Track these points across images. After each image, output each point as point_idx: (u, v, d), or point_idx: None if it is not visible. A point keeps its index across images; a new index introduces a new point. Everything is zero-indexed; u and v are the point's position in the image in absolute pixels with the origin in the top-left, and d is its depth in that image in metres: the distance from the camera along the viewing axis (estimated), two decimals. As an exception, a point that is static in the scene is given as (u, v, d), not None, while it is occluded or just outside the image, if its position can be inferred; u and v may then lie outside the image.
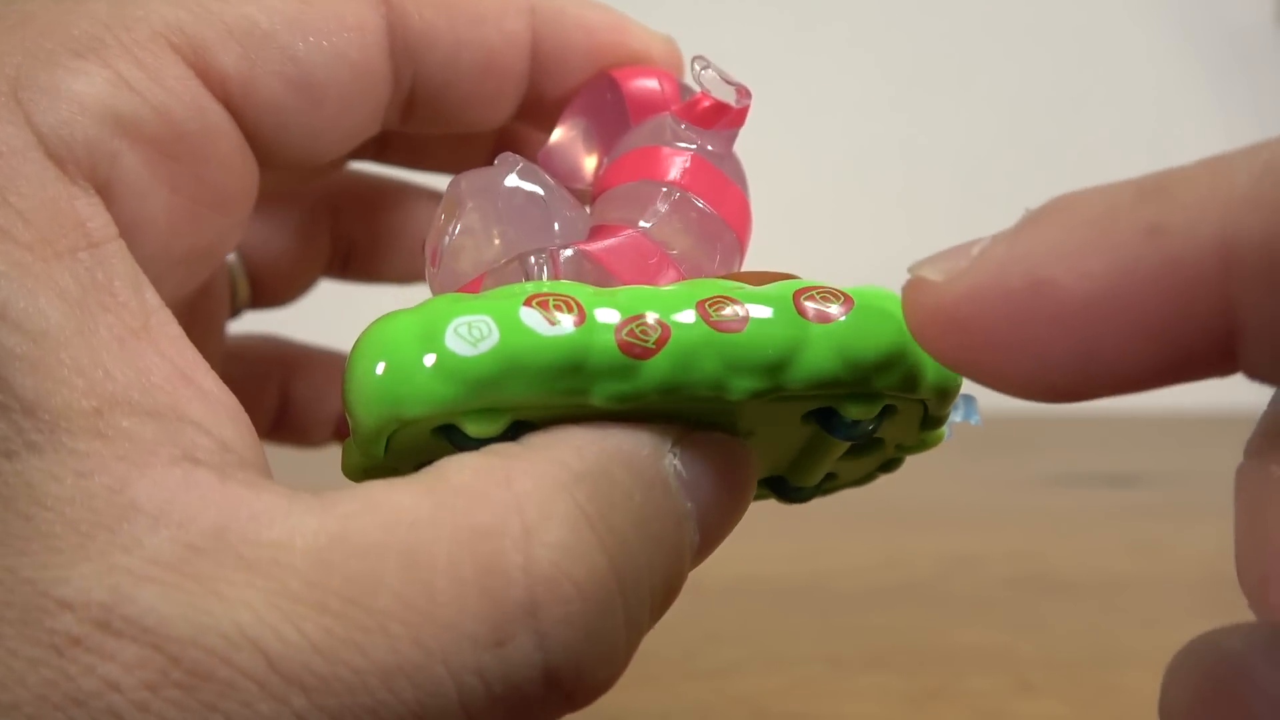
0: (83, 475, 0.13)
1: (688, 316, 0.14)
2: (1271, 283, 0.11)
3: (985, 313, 0.12)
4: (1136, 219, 0.11)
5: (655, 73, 0.19)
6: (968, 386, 0.15)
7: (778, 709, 0.28)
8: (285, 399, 0.26)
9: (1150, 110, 0.77)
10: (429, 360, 0.14)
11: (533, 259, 0.16)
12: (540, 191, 0.16)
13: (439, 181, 0.23)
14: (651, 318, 0.14)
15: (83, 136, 0.14)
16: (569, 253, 0.16)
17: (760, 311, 0.14)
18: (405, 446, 0.15)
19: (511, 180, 0.16)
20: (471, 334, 0.14)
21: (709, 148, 0.17)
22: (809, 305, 0.14)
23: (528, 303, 0.14)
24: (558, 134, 0.19)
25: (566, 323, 0.14)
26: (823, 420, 0.16)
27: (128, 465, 0.13)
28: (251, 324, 0.25)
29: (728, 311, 0.14)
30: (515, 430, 0.14)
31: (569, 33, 0.19)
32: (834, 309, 0.15)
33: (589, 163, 0.19)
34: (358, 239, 0.25)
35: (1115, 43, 0.76)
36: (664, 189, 0.17)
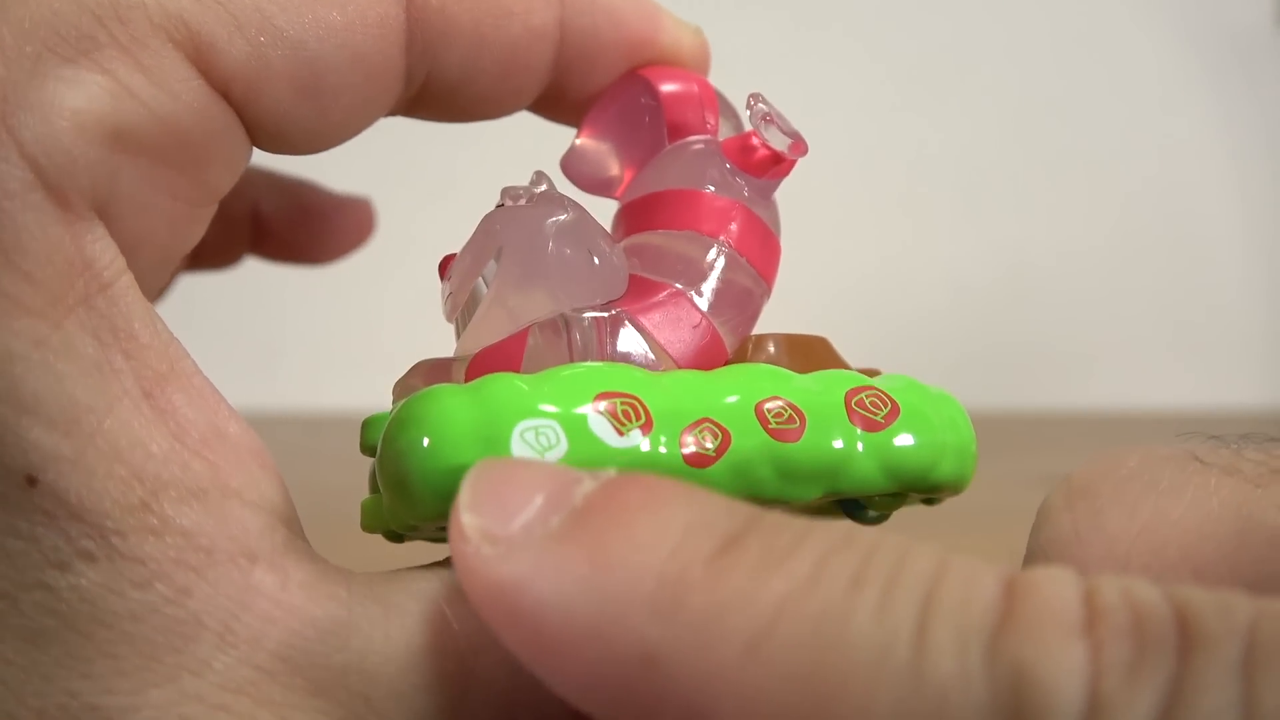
0: (140, 586, 0.12)
1: (747, 421, 0.14)
2: None
3: (501, 625, 0.11)
4: (640, 640, 0.10)
5: (691, 78, 0.17)
6: None
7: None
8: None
9: (1151, 111, 0.77)
10: None
11: (576, 327, 0.15)
12: (587, 243, 0.15)
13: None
14: (712, 421, 0.14)
15: (84, 161, 0.13)
16: (616, 319, 0.15)
17: (815, 419, 0.15)
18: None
19: (558, 230, 0.15)
20: (539, 441, 0.13)
21: (747, 193, 0.16)
22: (859, 413, 0.15)
23: (594, 406, 0.14)
24: (585, 139, 0.18)
25: (635, 434, 0.14)
26: (845, 505, 0.16)
27: (185, 570, 0.12)
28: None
29: (786, 417, 0.15)
30: None
31: (599, 26, 0.17)
32: (883, 413, 0.15)
33: (617, 174, 0.18)
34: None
35: (1116, 43, 0.76)
36: (712, 246, 0.16)
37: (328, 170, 0.29)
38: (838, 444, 0.15)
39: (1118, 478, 0.14)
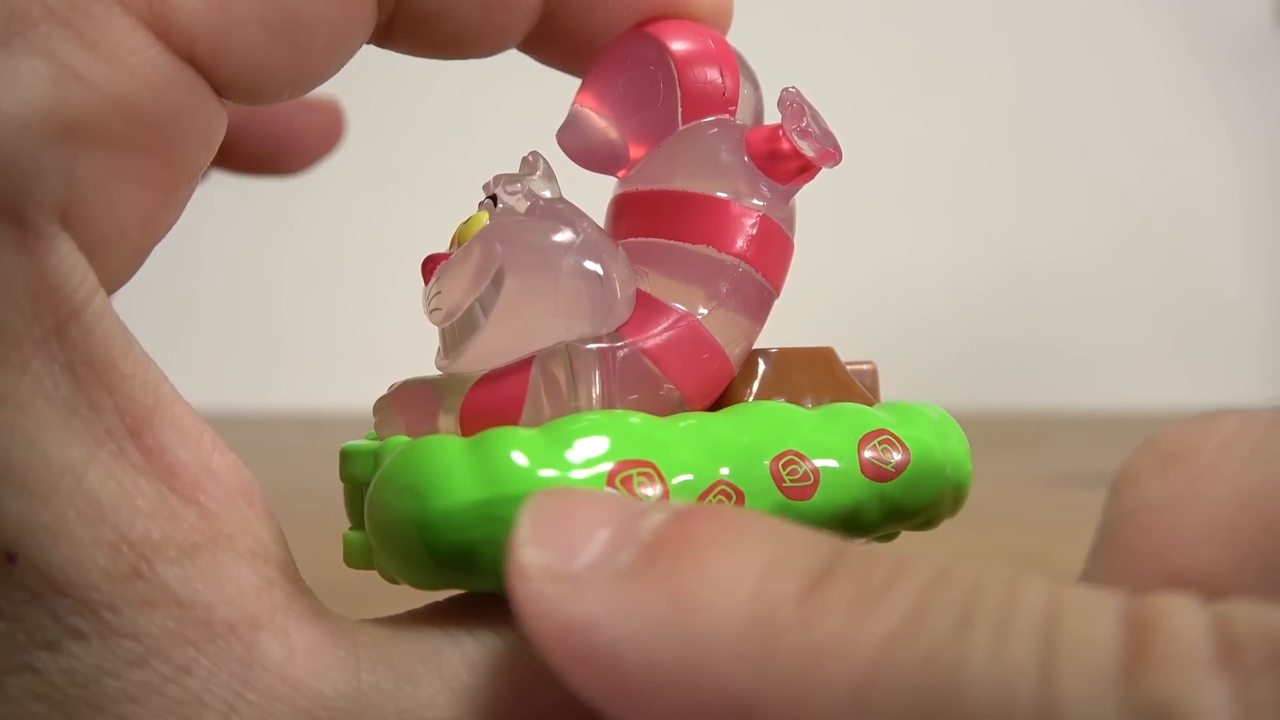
0: (137, 664, 0.11)
1: (762, 481, 0.14)
2: None
3: (573, 669, 0.10)
4: (730, 688, 0.10)
5: (707, 36, 0.16)
6: None
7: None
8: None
9: (1151, 110, 0.77)
10: (501, 548, 0.12)
11: (581, 360, 0.14)
12: (597, 267, 0.14)
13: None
14: (727, 484, 0.14)
15: (35, 169, 0.11)
16: (624, 352, 0.14)
17: (828, 474, 0.14)
18: None
19: (567, 253, 0.14)
20: None
21: (768, 198, 0.15)
22: (870, 458, 0.15)
23: (610, 481, 0.13)
24: (585, 108, 0.16)
25: None
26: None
27: (183, 645, 0.11)
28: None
29: (799, 474, 0.14)
30: None
31: None
32: (893, 461, 0.15)
33: (620, 149, 0.16)
34: None
35: (1116, 44, 0.76)
36: (728, 263, 0.15)
37: (325, 173, 0.29)
38: (848, 499, 0.15)
39: (1216, 443, 0.13)
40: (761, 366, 0.16)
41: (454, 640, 0.13)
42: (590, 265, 0.14)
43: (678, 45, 0.15)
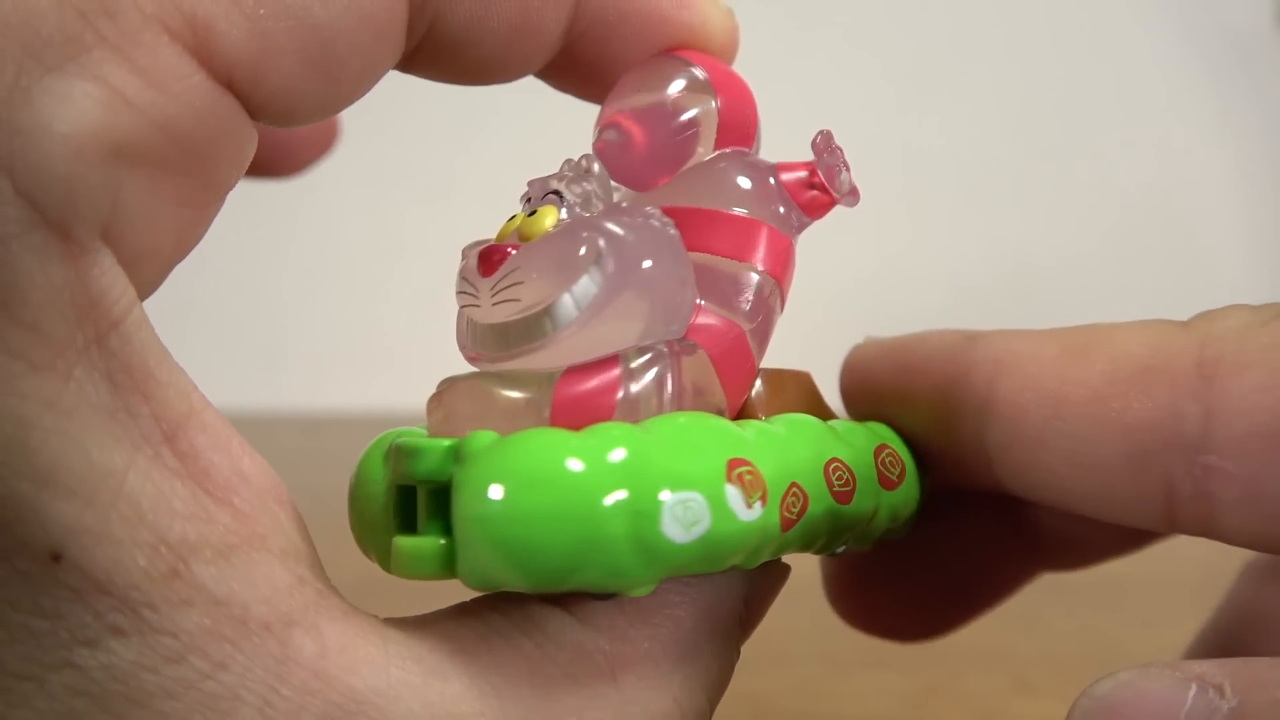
0: (174, 660, 0.11)
1: (820, 485, 0.15)
2: None
3: None
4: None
5: (727, 68, 0.17)
6: None
7: (778, 708, 0.28)
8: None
9: (1151, 111, 0.77)
10: (637, 542, 0.13)
11: (663, 361, 0.14)
12: (688, 276, 0.15)
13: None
14: (799, 486, 0.14)
15: (84, 188, 0.11)
16: (693, 357, 0.15)
17: (860, 481, 0.16)
18: None
19: (671, 259, 0.14)
20: (687, 515, 0.13)
21: (795, 229, 0.16)
22: (881, 469, 0.16)
23: (729, 476, 0.13)
24: (622, 125, 0.16)
25: (757, 505, 0.13)
26: None
27: (220, 642, 0.12)
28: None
29: (844, 480, 0.15)
30: None
31: None
32: (896, 472, 0.17)
33: (651, 166, 0.17)
34: None
35: (1116, 44, 0.76)
36: (768, 284, 0.16)
37: (326, 174, 0.30)
38: (871, 505, 0.16)
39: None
40: (766, 383, 0.16)
41: (482, 639, 0.13)
42: (683, 268, 0.15)
43: (717, 75, 0.16)
